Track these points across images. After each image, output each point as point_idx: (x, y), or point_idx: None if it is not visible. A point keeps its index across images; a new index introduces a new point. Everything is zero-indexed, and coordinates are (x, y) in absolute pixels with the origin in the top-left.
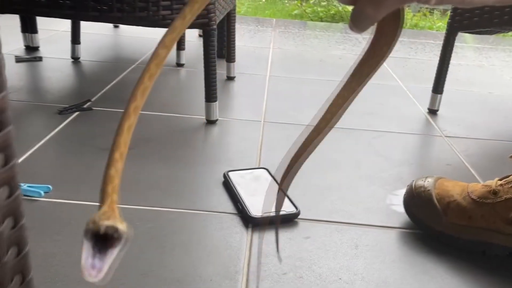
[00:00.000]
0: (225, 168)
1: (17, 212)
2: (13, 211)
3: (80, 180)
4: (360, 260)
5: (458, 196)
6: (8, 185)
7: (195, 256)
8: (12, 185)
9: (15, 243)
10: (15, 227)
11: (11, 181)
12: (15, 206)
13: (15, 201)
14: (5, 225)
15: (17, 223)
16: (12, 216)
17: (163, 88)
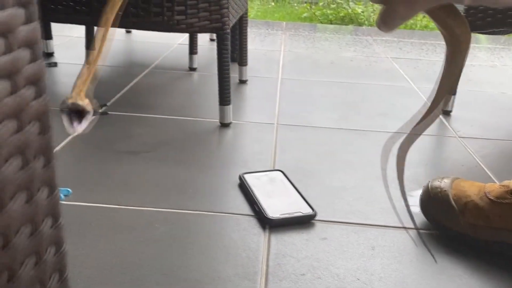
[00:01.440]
0: (240, 170)
1: (56, 212)
2: (52, 211)
3: (98, 183)
4: (377, 261)
5: (475, 197)
6: (48, 186)
7: (214, 257)
8: (51, 186)
9: (54, 241)
10: (54, 226)
11: (51, 182)
12: (54, 205)
13: (54, 200)
14: (45, 224)
15: (55, 222)
16: (51, 215)
17: (177, 92)
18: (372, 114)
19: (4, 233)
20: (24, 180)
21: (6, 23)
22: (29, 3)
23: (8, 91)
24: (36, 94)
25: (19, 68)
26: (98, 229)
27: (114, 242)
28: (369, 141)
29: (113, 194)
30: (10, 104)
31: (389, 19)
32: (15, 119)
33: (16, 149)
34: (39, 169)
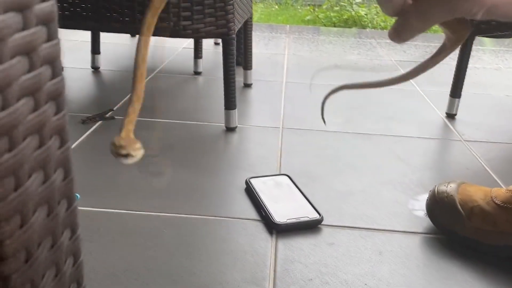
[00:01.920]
0: (246, 174)
1: (74, 224)
2: (71, 223)
3: (106, 188)
4: (384, 266)
5: (481, 201)
6: (67, 198)
7: (221, 262)
8: (70, 198)
9: (72, 253)
10: (72, 237)
11: (70, 194)
12: (73, 218)
13: (72, 213)
14: (64, 236)
15: (74, 234)
16: (70, 227)
17: (182, 96)
18: (377, 118)
19: (27, 247)
20: (46, 194)
21: (30, 42)
22: (51, 21)
23: (31, 108)
24: (57, 109)
25: (41, 85)
26: (107, 234)
27: (123, 247)
28: (375, 145)
29: (120, 199)
30: (33, 120)
31: (403, 32)
32: (37, 135)
33: (38, 164)
34: (59, 182)
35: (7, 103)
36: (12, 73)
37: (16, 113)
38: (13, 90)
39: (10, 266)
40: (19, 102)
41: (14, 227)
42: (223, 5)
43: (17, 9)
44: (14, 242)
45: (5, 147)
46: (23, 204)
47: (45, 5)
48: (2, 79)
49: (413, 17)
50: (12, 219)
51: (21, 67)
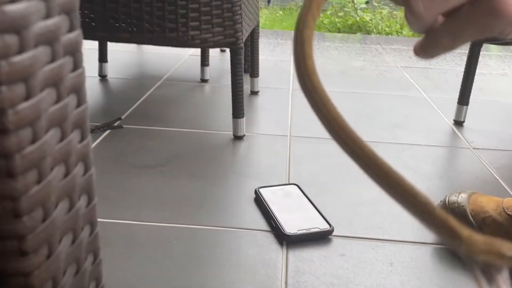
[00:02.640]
0: (255, 183)
1: (93, 220)
2: (91, 219)
3: (116, 199)
4: (396, 277)
5: (493, 212)
6: (87, 193)
7: (233, 273)
8: (90, 193)
9: (92, 250)
10: (92, 234)
11: (90, 189)
12: (92, 214)
13: (92, 209)
14: (84, 232)
15: (93, 231)
16: (90, 223)
17: (189, 104)
18: (385, 125)
19: (49, 242)
20: (67, 188)
21: (53, 32)
22: (73, 10)
23: (54, 100)
24: (78, 102)
25: (63, 77)
26: (117, 246)
27: (133, 258)
28: (383, 153)
29: (129, 210)
30: (56, 113)
31: (431, 50)
32: (59, 127)
33: (60, 157)
34: (79, 176)
35: (31, 93)
36: (36, 62)
37: (39, 103)
38: (37, 79)
39: (31, 261)
40: (42, 93)
41: (37, 222)
42: (231, 15)
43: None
44: (36, 237)
45: (28, 139)
46: (45, 198)
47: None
48: (27, 67)
49: (443, 36)
50: (34, 213)
51: (44, 56)
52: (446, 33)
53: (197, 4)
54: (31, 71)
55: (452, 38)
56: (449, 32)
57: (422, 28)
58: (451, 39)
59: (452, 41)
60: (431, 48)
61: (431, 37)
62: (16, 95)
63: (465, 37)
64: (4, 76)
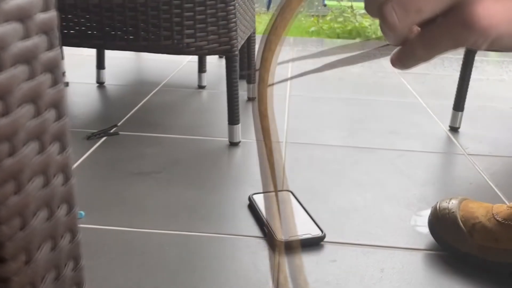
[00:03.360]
0: (250, 190)
1: (74, 228)
2: (71, 227)
3: (111, 205)
4: (386, 283)
5: (483, 218)
6: (67, 203)
7: (225, 280)
8: (70, 203)
9: (72, 256)
10: (73, 241)
11: (70, 199)
12: (73, 222)
13: (73, 217)
14: (64, 240)
15: (74, 238)
16: (70, 231)
17: (186, 111)
18: (381, 132)
19: (27, 249)
20: (46, 198)
21: (31, 50)
22: (52, 30)
23: (32, 114)
24: (57, 116)
25: (42, 93)
26: (110, 252)
27: (127, 265)
28: (378, 159)
29: (125, 217)
30: (34, 127)
31: (406, 60)
32: (38, 140)
33: (38, 168)
34: (59, 186)
35: (8, 109)
36: (14, 80)
37: (17, 119)
38: (15, 96)
39: (10, 267)
40: (20, 109)
41: (15, 229)
42: (226, 22)
43: (18, 19)
44: (15, 244)
45: (6, 152)
46: (23, 207)
47: (46, 15)
48: (4, 86)
49: (418, 47)
50: (12, 222)
51: (22, 74)
52: (421, 44)
53: (192, 12)
54: (8, 89)
55: (427, 49)
56: (423, 44)
57: (397, 39)
58: (426, 50)
59: (427, 52)
60: (407, 59)
61: (407, 48)
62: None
63: (439, 48)
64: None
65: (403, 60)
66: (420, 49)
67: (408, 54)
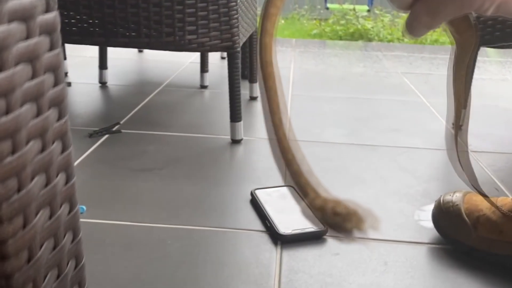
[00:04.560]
0: (252, 186)
1: (76, 227)
2: (73, 226)
3: (112, 200)
4: (390, 276)
5: (487, 210)
6: (69, 202)
7: (227, 273)
8: (72, 202)
9: (74, 256)
10: (74, 241)
11: (71, 198)
12: (75, 221)
13: (74, 216)
14: (66, 239)
15: (75, 237)
16: (72, 230)
17: (188, 110)
18: (384, 130)
19: (29, 247)
20: (48, 197)
21: (33, 51)
22: (54, 30)
23: (34, 114)
24: (59, 115)
25: (44, 92)
26: (112, 246)
27: (128, 258)
28: (381, 157)
29: (126, 211)
30: (36, 125)
31: (413, 28)
32: (40, 139)
33: (41, 167)
34: (61, 186)
35: (11, 108)
36: (16, 80)
37: (19, 118)
38: (17, 95)
39: (12, 265)
40: (22, 108)
41: (17, 227)
42: (228, 19)
43: (21, 19)
44: (17, 241)
45: (8, 150)
46: (25, 205)
47: (48, 16)
48: (6, 85)
49: (423, 12)
50: (14, 220)
51: (24, 74)
52: (425, 10)
53: (193, 8)
54: (10, 87)
55: (431, 16)
56: (428, 10)
57: (403, 4)
58: (430, 17)
59: (432, 18)
60: (414, 26)
61: (412, 15)
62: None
63: (444, 14)
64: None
65: (409, 28)
66: (424, 16)
67: (414, 22)
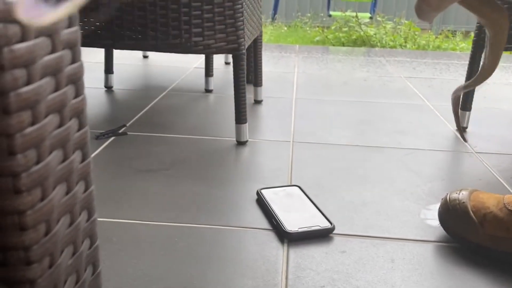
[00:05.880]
0: (258, 186)
1: (93, 234)
2: (91, 233)
3: (119, 200)
4: (397, 273)
5: (494, 208)
6: (87, 210)
7: (233, 270)
8: (90, 210)
9: (91, 262)
10: (92, 247)
11: (90, 206)
12: (92, 228)
13: (92, 224)
14: (84, 245)
15: (93, 244)
16: (90, 237)
17: (194, 113)
18: (388, 132)
19: (51, 254)
20: (68, 205)
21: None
22: (75, 45)
23: (57, 124)
24: (79, 126)
25: (66, 103)
26: (120, 244)
27: (136, 256)
28: (386, 157)
29: (133, 210)
30: (59, 136)
31: (421, 11)
32: (62, 149)
33: (62, 176)
34: (80, 194)
35: (36, 119)
36: (41, 92)
37: (43, 128)
38: (42, 106)
39: (35, 270)
40: (46, 118)
41: (40, 234)
42: (234, 21)
43: (47, 34)
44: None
45: (33, 160)
46: (48, 213)
47: (70, 31)
48: (33, 96)
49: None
50: (38, 227)
51: (49, 86)
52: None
53: (199, 11)
54: (36, 100)
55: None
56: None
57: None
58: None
59: (440, 1)
60: (422, 9)
61: None
62: (23, 121)
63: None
64: (13, 105)
65: (418, 10)
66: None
67: (423, 4)
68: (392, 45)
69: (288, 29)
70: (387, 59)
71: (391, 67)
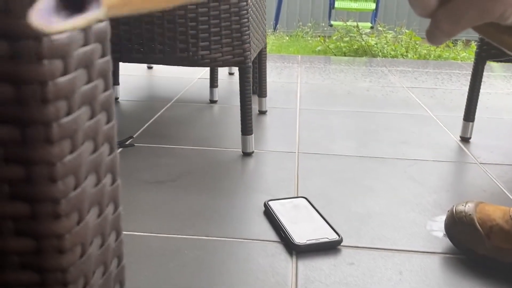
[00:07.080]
0: (264, 197)
1: (119, 227)
2: (117, 226)
3: (127, 211)
4: (405, 285)
5: (500, 220)
6: (114, 202)
7: (243, 282)
8: (116, 202)
9: (117, 255)
10: (117, 240)
11: (116, 199)
12: (118, 221)
13: (118, 217)
14: (111, 237)
15: (118, 237)
16: (115, 230)
17: (199, 124)
18: (392, 142)
19: (82, 243)
20: (98, 196)
21: (89, 57)
22: (105, 39)
23: (89, 116)
24: (108, 119)
25: (97, 96)
26: (129, 256)
27: (145, 268)
28: (391, 168)
29: (142, 222)
30: (90, 127)
31: (433, 36)
32: (93, 141)
33: (92, 167)
34: (108, 186)
35: (71, 109)
36: (76, 83)
37: (77, 119)
38: (76, 97)
39: (68, 258)
40: (80, 109)
41: (73, 223)
42: (240, 35)
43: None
44: (72, 237)
45: (68, 149)
46: (80, 203)
47: (101, 25)
48: (69, 87)
49: (443, 21)
50: (71, 215)
51: (82, 78)
52: (446, 17)
53: (206, 25)
54: (72, 90)
55: (451, 23)
56: (448, 17)
57: (424, 11)
58: (450, 24)
59: (452, 26)
60: (434, 34)
61: (434, 22)
62: (60, 111)
63: (464, 21)
64: (51, 95)
65: (430, 35)
66: (446, 24)
67: (435, 30)
68: (394, 55)
69: (289, 39)
70: (389, 69)
71: (393, 77)
